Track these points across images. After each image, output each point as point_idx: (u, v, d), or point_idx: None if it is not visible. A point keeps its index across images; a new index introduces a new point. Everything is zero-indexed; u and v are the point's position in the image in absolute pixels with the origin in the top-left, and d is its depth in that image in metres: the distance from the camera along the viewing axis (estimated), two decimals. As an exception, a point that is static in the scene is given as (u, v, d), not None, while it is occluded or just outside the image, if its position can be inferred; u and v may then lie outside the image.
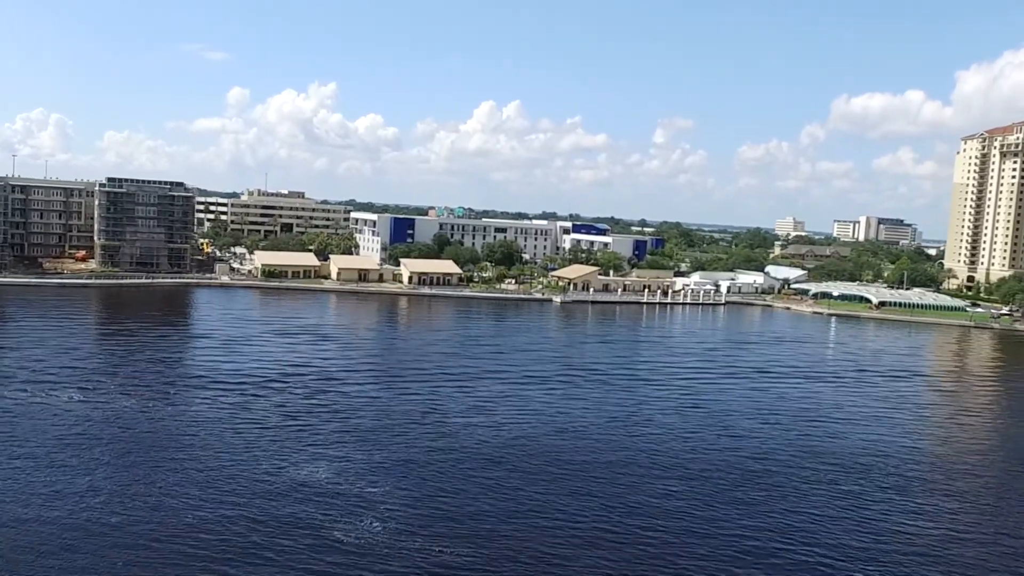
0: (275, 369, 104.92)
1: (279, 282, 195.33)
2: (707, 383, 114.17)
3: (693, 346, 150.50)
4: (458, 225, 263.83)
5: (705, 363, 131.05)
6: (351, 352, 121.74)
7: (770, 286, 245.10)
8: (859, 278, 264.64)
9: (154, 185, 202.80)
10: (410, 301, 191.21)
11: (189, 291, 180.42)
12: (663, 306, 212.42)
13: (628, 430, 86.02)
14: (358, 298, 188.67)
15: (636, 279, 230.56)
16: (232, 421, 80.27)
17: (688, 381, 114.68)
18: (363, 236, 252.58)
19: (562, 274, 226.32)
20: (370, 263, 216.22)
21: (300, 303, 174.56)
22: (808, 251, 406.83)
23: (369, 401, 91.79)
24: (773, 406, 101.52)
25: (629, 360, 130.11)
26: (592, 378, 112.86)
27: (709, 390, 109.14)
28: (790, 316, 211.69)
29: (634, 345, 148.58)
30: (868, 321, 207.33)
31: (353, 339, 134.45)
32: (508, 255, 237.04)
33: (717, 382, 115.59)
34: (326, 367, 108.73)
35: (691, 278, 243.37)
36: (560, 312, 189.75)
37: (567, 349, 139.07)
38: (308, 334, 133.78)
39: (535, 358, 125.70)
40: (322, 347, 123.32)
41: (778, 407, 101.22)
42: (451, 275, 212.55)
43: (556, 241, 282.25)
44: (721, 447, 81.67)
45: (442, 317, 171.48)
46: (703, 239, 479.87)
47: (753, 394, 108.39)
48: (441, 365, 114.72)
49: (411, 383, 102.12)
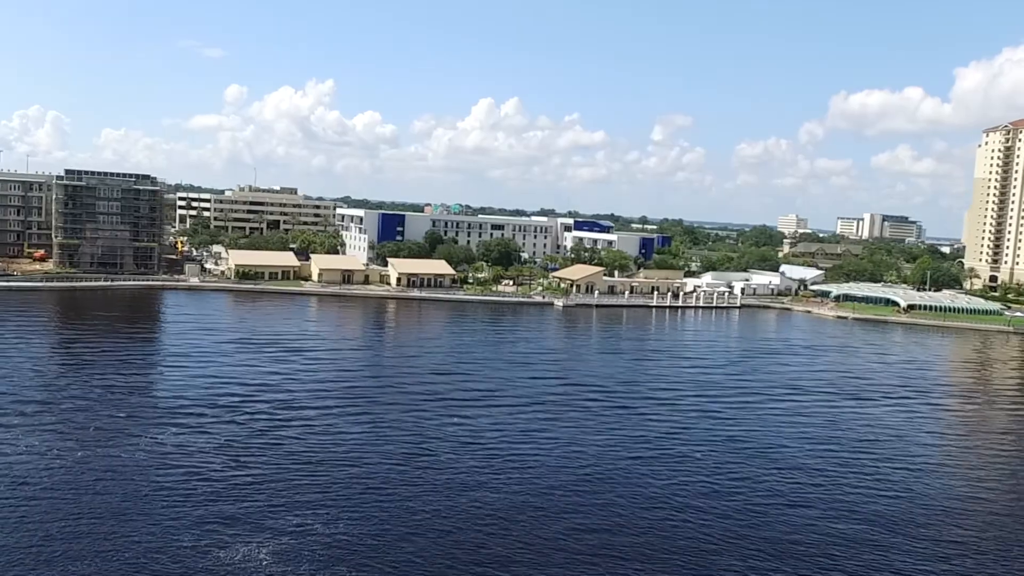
0: (228, 393, 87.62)
1: (253, 284, 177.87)
2: (740, 406, 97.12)
3: (713, 357, 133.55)
4: (452, 222, 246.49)
5: (731, 379, 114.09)
6: (324, 369, 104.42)
7: (786, 287, 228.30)
8: (880, 279, 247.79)
9: (117, 178, 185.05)
10: (398, 305, 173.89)
11: (152, 295, 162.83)
12: (674, 310, 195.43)
13: (663, 482, 68.83)
14: (340, 302, 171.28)
15: (644, 280, 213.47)
16: (158, 469, 62.95)
17: (717, 403, 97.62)
18: (350, 234, 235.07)
19: (564, 275, 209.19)
20: (354, 263, 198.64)
21: (275, 308, 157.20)
22: (818, 249, 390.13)
23: (338, 439, 74.52)
24: (827, 438, 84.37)
25: (645, 376, 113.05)
26: (605, 400, 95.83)
27: (745, 416, 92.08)
28: (811, 321, 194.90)
29: (648, 357, 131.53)
30: (896, 326, 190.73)
31: (328, 352, 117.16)
32: (506, 254, 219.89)
33: (752, 404, 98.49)
34: (292, 389, 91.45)
35: (702, 279, 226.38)
36: (562, 317, 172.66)
37: (573, 363, 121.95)
38: (276, 346, 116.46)
39: (538, 375, 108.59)
40: (290, 363, 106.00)
41: (833, 439, 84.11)
42: (443, 276, 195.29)
43: (557, 239, 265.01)
44: (784, 502, 64.53)
45: (432, 324, 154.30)
46: (707, 237, 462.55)
47: (798, 421, 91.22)
48: (429, 386, 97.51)
49: (392, 411, 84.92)
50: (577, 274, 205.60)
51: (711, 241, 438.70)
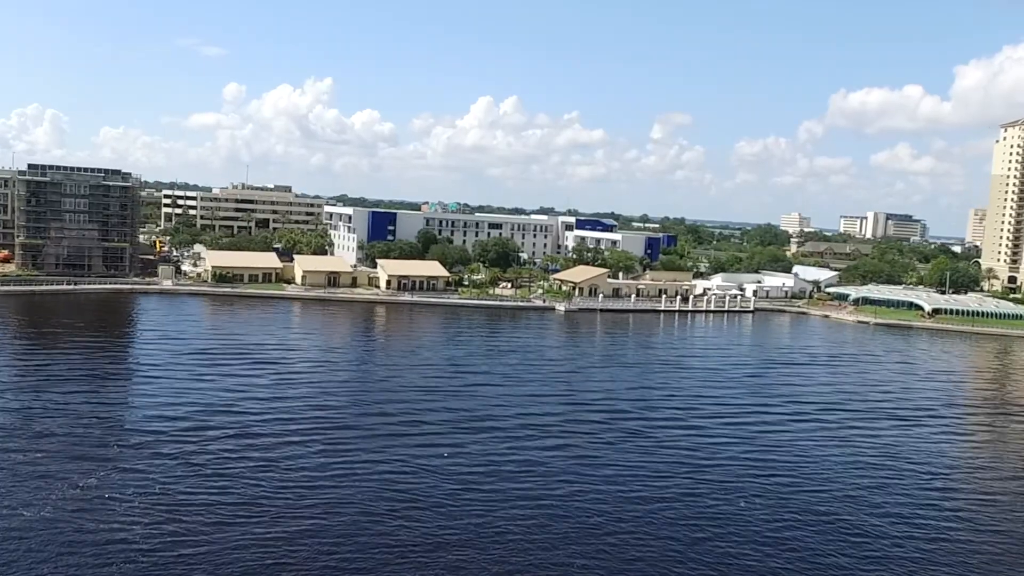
0: (179, 417, 74.96)
1: (231, 287, 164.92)
2: (770, 429, 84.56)
3: (731, 370, 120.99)
4: (447, 220, 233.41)
5: (754, 395, 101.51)
6: (296, 388, 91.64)
7: (800, 289, 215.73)
8: (899, 280, 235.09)
9: (85, 173, 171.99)
10: (387, 311, 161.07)
11: (120, 299, 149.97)
12: (683, 314, 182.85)
13: (694, 539, 56.21)
14: (324, 307, 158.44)
15: (651, 282, 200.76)
16: (62, 537, 50.21)
17: (743, 426, 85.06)
18: (338, 233, 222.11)
19: (566, 277, 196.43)
20: (341, 264, 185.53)
21: (252, 313, 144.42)
22: (827, 248, 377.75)
23: (302, 480, 61.87)
24: (886, 483, 71.59)
25: (657, 393, 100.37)
26: (615, 423, 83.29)
27: (779, 443, 79.52)
28: (830, 326, 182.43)
29: (658, 369, 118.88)
30: (921, 332, 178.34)
31: (304, 366, 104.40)
32: (503, 255, 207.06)
33: (785, 429, 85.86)
34: (256, 413, 78.76)
35: (712, 281, 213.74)
36: (564, 323, 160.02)
37: (578, 377, 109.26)
38: (246, 359, 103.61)
39: (538, 392, 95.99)
40: (259, 380, 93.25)
41: (891, 484, 71.39)
42: (437, 278, 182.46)
43: (557, 238, 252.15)
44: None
45: (423, 332, 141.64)
46: (711, 236, 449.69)
47: (845, 453, 78.45)
48: (415, 409, 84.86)
49: (371, 441, 72.32)
50: (579, 276, 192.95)
51: (715, 240, 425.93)
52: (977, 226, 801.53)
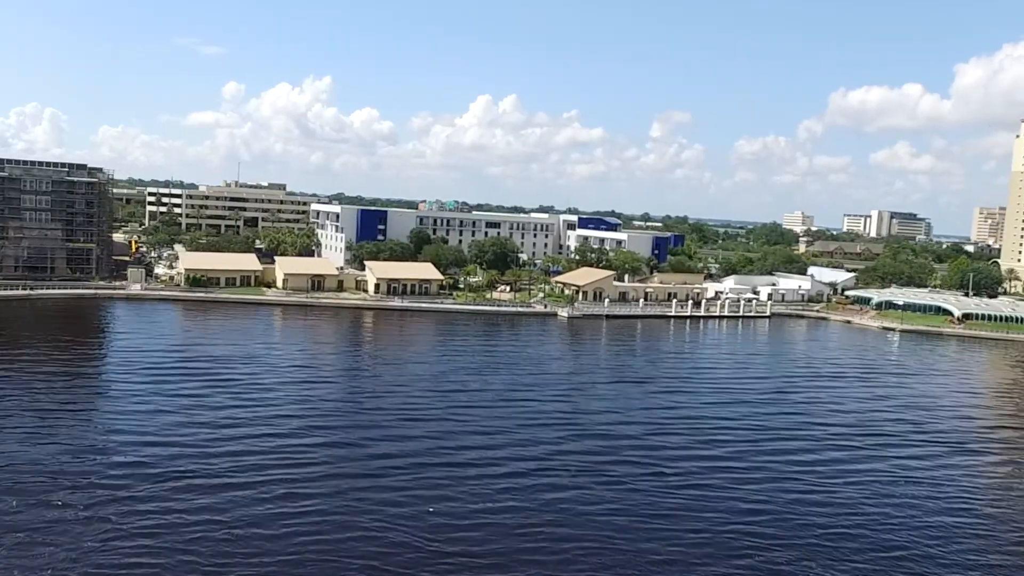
0: (110, 454, 61.86)
1: (205, 292, 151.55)
2: (819, 464, 71.46)
3: (758, 385, 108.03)
4: (442, 219, 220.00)
5: (789, 419, 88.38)
6: (259, 413, 78.40)
7: (818, 292, 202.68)
8: (923, 282, 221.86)
9: (47, 168, 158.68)
10: (375, 318, 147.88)
11: (79, 307, 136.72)
12: (695, 320, 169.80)
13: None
14: (306, 314, 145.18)
15: (660, 285, 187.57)
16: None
17: (785, 461, 71.95)
18: (326, 233, 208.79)
19: (568, 280, 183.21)
20: (326, 267, 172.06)
21: (224, 323, 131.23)
22: (836, 248, 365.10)
23: (251, 547, 48.77)
24: (993, 528, 58.70)
25: (676, 418, 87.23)
26: (633, 459, 70.24)
27: (833, 485, 66.34)
28: (852, 333, 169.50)
29: (675, 386, 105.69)
30: (950, 339, 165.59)
31: (274, 385, 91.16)
32: (502, 255, 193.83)
33: (833, 463, 72.73)
34: (207, 446, 65.64)
35: (724, 284, 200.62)
36: (567, 331, 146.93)
37: (585, 399, 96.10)
38: (205, 378, 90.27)
39: (541, 418, 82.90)
40: (217, 403, 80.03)
41: (998, 529, 58.45)
42: (430, 281, 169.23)
43: (559, 238, 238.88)
44: None
45: (413, 342, 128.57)
46: (716, 235, 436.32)
47: (928, 502, 65.28)
48: (398, 442, 71.79)
49: (342, 486, 59.24)
50: (583, 279, 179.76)
51: (721, 239, 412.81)
52: (982, 225, 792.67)
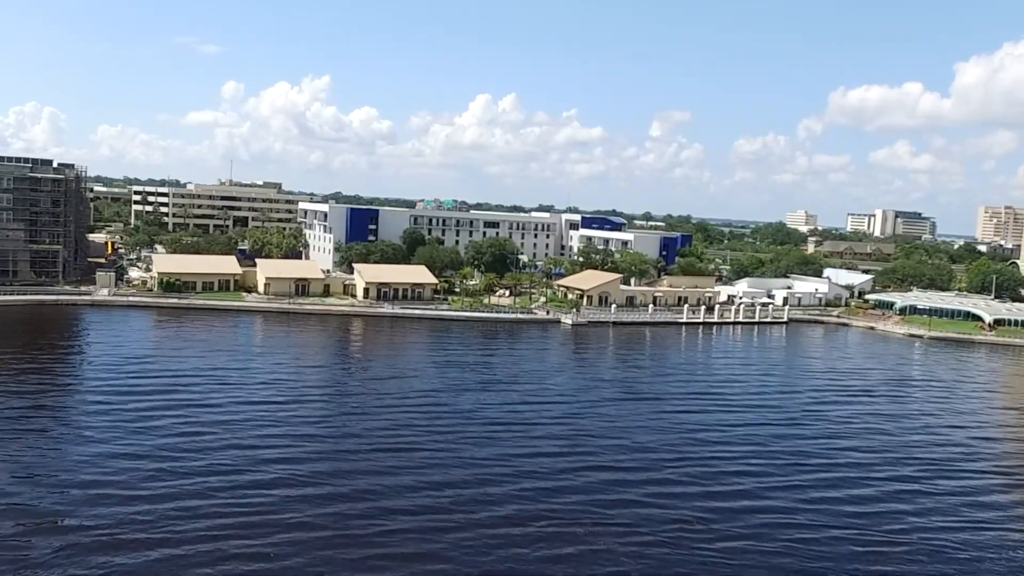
0: (10, 497, 50.28)
1: (179, 298, 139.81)
2: (871, 511, 59.82)
3: (784, 402, 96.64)
4: (437, 219, 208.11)
5: (826, 446, 76.75)
6: (215, 446, 66.78)
7: (836, 296, 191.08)
8: (946, 285, 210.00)
9: (7, 164, 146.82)
10: (363, 326, 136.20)
11: (40, 315, 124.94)
12: (708, 327, 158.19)
13: None
14: (288, 322, 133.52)
15: (669, 289, 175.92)
16: None
17: (833, 504, 60.31)
18: (313, 233, 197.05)
19: (572, 283, 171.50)
20: (311, 270, 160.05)
21: (198, 332, 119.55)
22: (847, 248, 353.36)
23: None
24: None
25: (700, 443, 75.74)
26: (650, 498, 58.74)
27: (895, 547, 54.77)
28: (877, 340, 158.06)
29: (696, 406, 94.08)
30: (982, 347, 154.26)
31: (233, 413, 79.43)
32: (501, 257, 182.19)
33: (891, 511, 61.19)
34: (144, 493, 54.04)
35: (737, 287, 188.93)
36: (571, 339, 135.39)
37: (591, 424, 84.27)
38: (156, 398, 78.60)
39: (544, 447, 71.32)
40: (165, 432, 68.40)
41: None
42: (423, 286, 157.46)
43: (561, 238, 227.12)
44: None
45: (403, 353, 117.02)
46: (721, 235, 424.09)
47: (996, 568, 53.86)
48: (373, 470, 60.25)
49: (301, 536, 47.65)
50: (588, 282, 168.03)
51: (727, 239, 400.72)
52: (987, 224, 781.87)
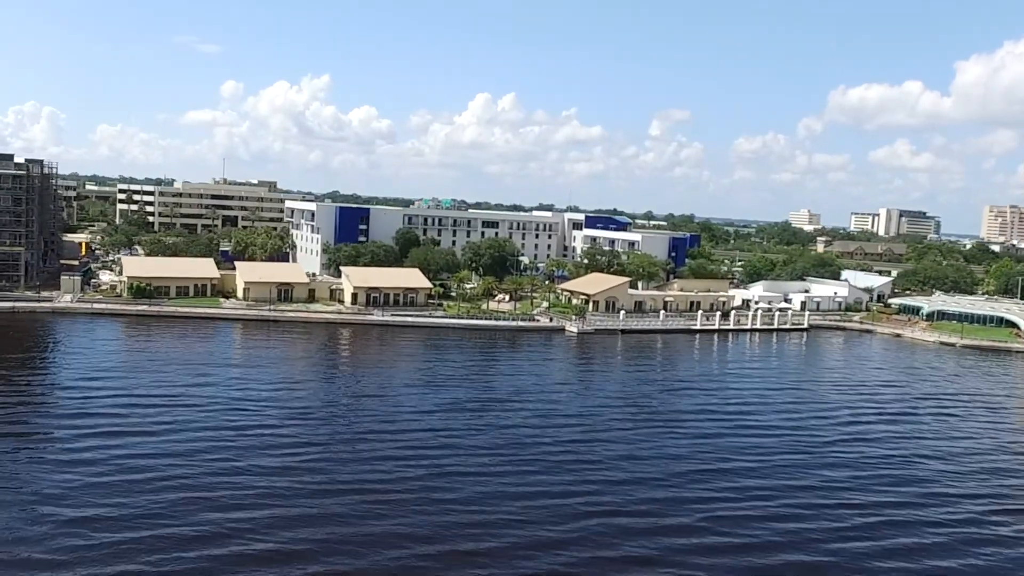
0: None
1: (148, 305, 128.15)
2: (953, 566, 48.57)
3: (819, 426, 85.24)
4: (433, 218, 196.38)
5: (879, 486, 65.42)
6: (172, 482, 55.23)
7: (856, 299, 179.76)
8: (966, 288, 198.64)
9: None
10: (350, 336, 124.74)
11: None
12: (723, 334, 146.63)
13: None
14: (268, 331, 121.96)
15: (680, 293, 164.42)
16: None
17: (905, 559, 49.11)
18: (300, 233, 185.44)
19: (576, 287, 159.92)
20: (295, 273, 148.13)
21: (163, 345, 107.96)
22: (857, 248, 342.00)
23: None
24: None
25: (730, 473, 64.36)
26: (683, 555, 47.26)
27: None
28: (905, 348, 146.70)
29: (720, 430, 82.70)
30: (1018, 356, 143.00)
31: (196, 442, 67.92)
32: (500, 259, 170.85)
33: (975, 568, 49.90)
34: (81, 543, 42.59)
35: (752, 291, 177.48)
36: (577, 349, 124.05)
37: (605, 449, 72.85)
38: (99, 430, 67.08)
39: (544, 478, 59.87)
40: (107, 467, 56.92)
41: None
42: (416, 290, 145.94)
43: (563, 239, 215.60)
44: None
45: (392, 367, 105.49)
46: (727, 234, 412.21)
47: None
48: (350, 545, 48.83)
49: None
50: (594, 286, 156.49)
51: (732, 239, 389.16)
52: (992, 223, 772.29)
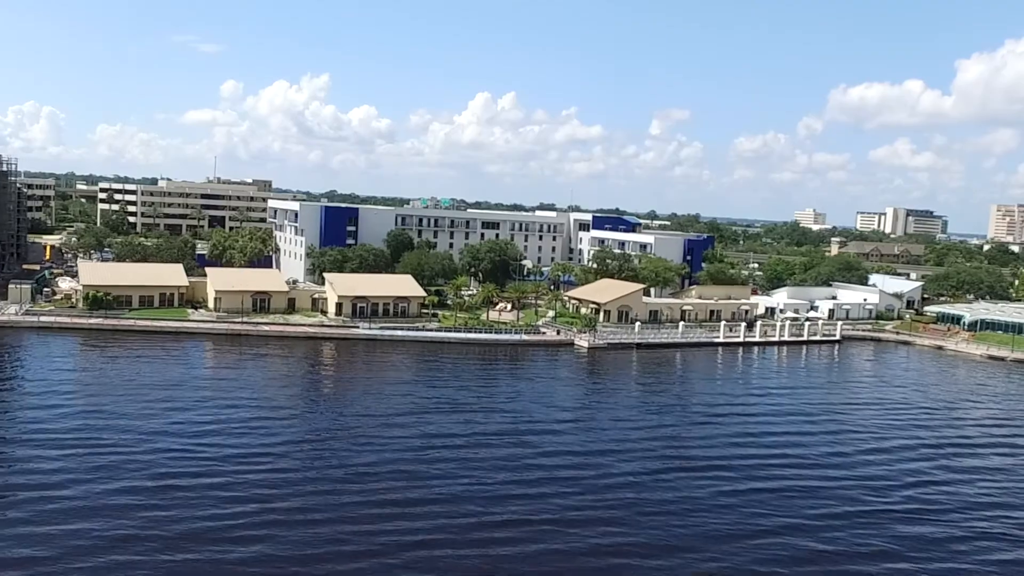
0: None
1: (105, 317, 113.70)
2: None
3: (890, 470, 70.98)
4: (428, 219, 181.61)
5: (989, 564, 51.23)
6: (102, 545, 41.03)
7: (887, 307, 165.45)
8: (1002, 292, 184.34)
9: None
10: (335, 352, 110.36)
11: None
12: (748, 347, 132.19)
13: None
14: (241, 347, 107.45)
15: (700, 302, 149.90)
16: None
17: None
18: (284, 235, 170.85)
19: (585, 295, 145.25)
20: (272, 281, 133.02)
21: (116, 364, 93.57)
22: (872, 249, 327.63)
23: None
24: None
25: (792, 542, 50.11)
26: None
27: None
28: (949, 362, 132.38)
29: (768, 474, 68.57)
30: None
31: (119, 499, 53.65)
32: (502, 264, 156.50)
33: None
34: None
35: (775, 298, 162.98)
36: (588, 367, 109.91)
37: (639, 514, 58.52)
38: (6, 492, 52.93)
39: (557, 557, 45.68)
40: (24, 528, 42.68)
41: None
42: (408, 299, 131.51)
43: (569, 240, 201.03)
44: None
45: (377, 391, 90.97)
46: (735, 235, 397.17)
47: None
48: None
49: None
50: (605, 294, 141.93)
51: (742, 240, 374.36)
52: (1000, 222, 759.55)
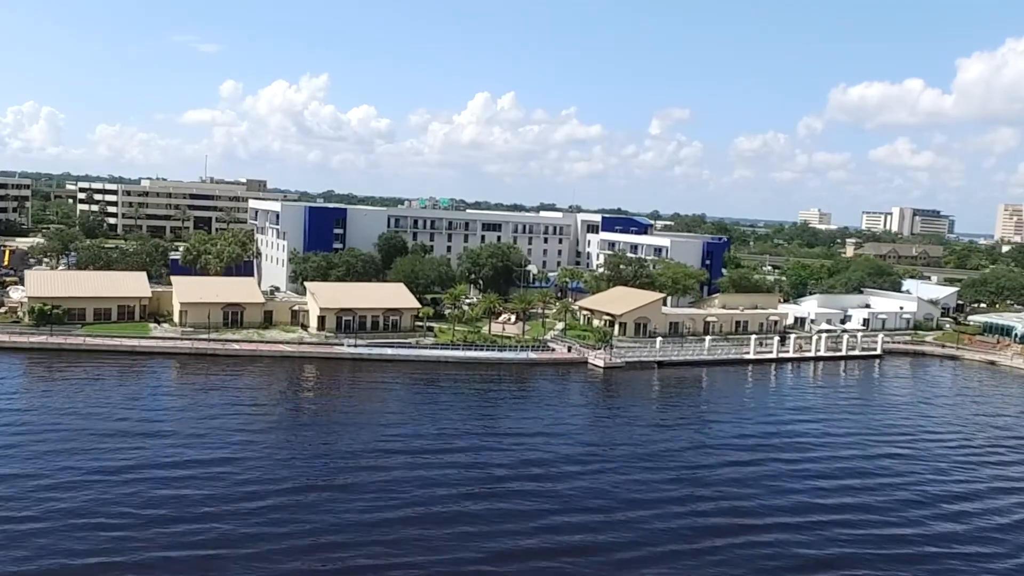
0: None
1: (49, 335, 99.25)
2: None
3: (989, 523, 56.90)
4: (424, 220, 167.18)
5: None
6: None
7: (925, 315, 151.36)
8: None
9: None
10: (315, 374, 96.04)
11: None
12: (780, 364, 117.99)
13: None
14: (208, 369, 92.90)
15: (723, 312, 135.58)
16: None
17: None
18: (265, 239, 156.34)
19: (598, 305, 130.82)
20: (247, 291, 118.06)
21: (57, 391, 79.28)
22: (890, 251, 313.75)
23: None
24: None
25: None
26: None
27: None
28: (1006, 379, 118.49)
29: (835, 535, 54.46)
30: None
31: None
32: (504, 270, 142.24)
33: None
34: None
35: (804, 306, 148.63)
36: (603, 391, 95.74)
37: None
38: None
39: None
40: None
41: None
42: (400, 311, 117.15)
43: (576, 243, 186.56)
44: None
45: (355, 425, 76.51)
46: (744, 236, 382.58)
47: None
48: None
49: None
50: (620, 304, 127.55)
51: (752, 241, 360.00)
52: (1007, 222, 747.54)
